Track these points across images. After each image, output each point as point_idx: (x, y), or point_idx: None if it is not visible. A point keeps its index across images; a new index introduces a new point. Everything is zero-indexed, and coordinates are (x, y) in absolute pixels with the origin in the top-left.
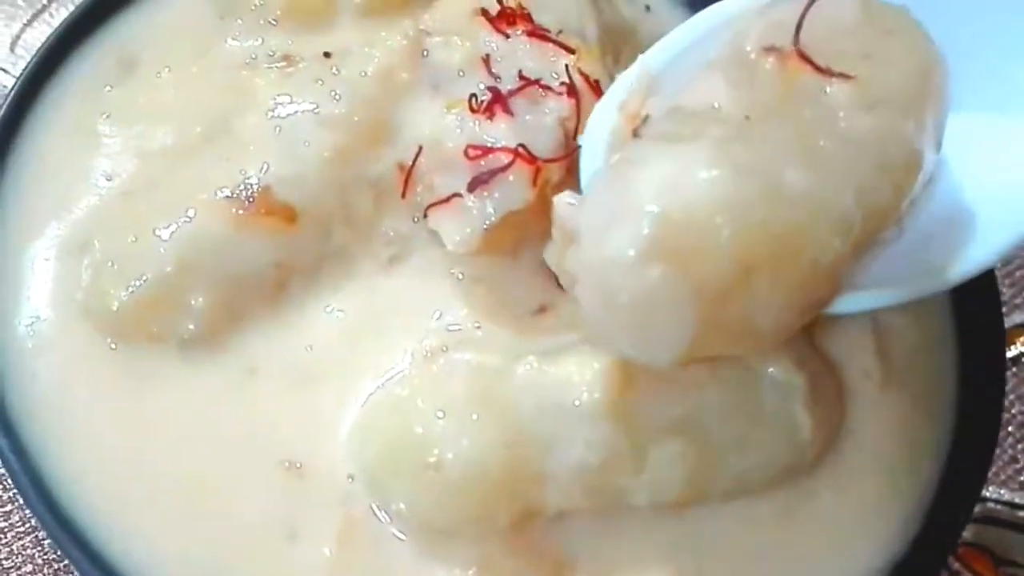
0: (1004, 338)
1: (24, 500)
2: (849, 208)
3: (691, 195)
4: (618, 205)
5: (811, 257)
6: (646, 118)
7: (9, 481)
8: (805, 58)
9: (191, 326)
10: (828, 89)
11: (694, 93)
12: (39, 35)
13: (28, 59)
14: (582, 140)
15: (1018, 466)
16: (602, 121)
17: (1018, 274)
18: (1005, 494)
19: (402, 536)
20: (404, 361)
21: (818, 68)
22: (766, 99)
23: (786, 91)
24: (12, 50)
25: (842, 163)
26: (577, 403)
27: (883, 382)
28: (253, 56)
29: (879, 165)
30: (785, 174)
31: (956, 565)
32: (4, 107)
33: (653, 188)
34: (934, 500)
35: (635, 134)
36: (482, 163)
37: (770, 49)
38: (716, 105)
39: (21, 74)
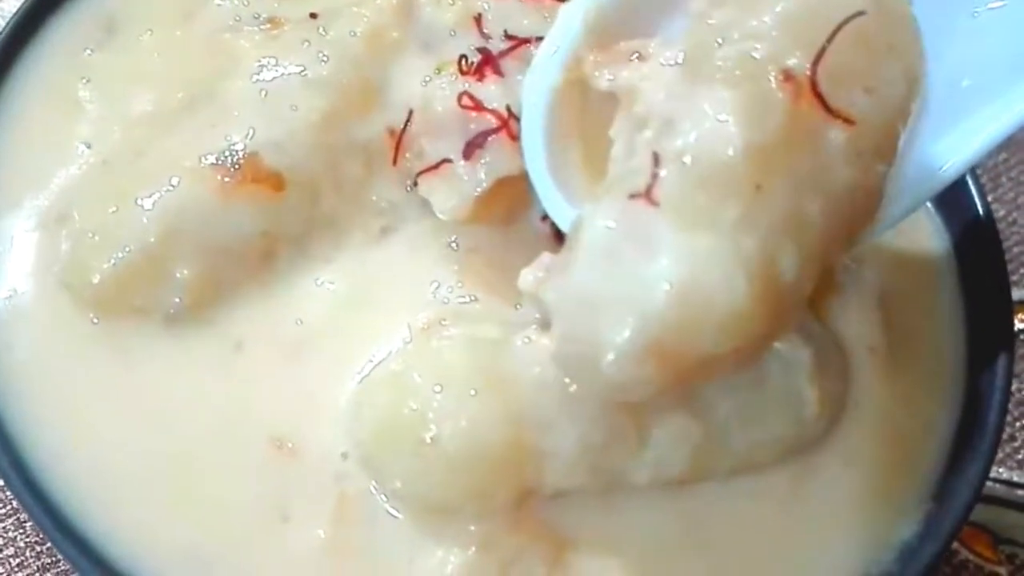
0: (1011, 313)
1: (5, 482)
2: (814, 278)
3: (707, 300)
4: (621, 292)
5: (783, 330)
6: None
7: None
8: (818, 96)
9: (176, 299)
10: (831, 134)
11: (710, 131)
12: (15, 3)
13: (3, 23)
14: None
15: (1016, 444)
16: (542, 81)
17: (1016, 250)
18: (1004, 472)
19: (399, 515)
20: (399, 335)
21: (828, 109)
22: (775, 144)
23: (791, 135)
24: None
25: (822, 229)
26: None
27: (888, 357)
28: (237, 18)
29: (848, 217)
30: (781, 261)
31: (955, 544)
32: None
33: (666, 287)
34: (942, 477)
35: (649, 196)
36: (472, 124)
37: (788, 78)
38: (728, 163)
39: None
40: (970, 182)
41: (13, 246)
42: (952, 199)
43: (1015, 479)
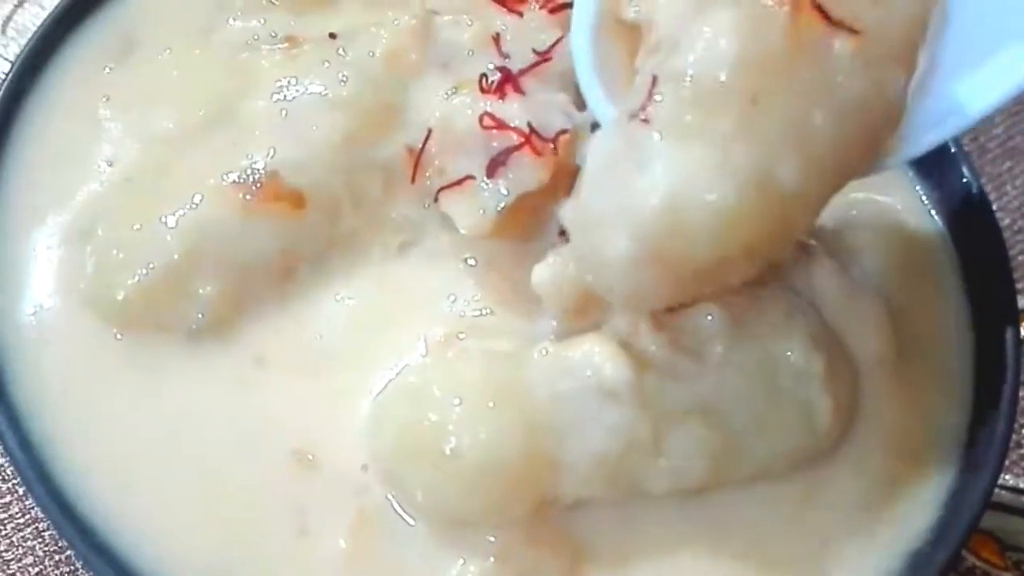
0: (1018, 321)
1: (32, 495)
2: (826, 188)
3: (694, 208)
4: (617, 205)
5: (789, 237)
6: (654, 80)
7: (9, 471)
8: (818, 8)
9: (199, 315)
10: (835, 45)
11: (705, 50)
12: (31, 16)
13: (20, 41)
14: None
15: (1022, 451)
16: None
17: (1020, 259)
18: (1010, 479)
19: (419, 527)
20: (417, 349)
21: (829, 20)
22: (773, 62)
23: (793, 51)
24: (3, 32)
25: (831, 139)
26: (594, 388)
27: (898, 366)
28: (255, 37)
29: (860, 128)
30: (779, 171)
31: (962, 551)
32: (2, 89)
33: (656, 197)
34: (952, 485)
35: (643, 115)
36: (494, 143)
37: None
38: (716, 75)
39: (19, 56)
40: (975, 190)
41: (37, 263)
42: (958, 207)
43: (1022, 486)
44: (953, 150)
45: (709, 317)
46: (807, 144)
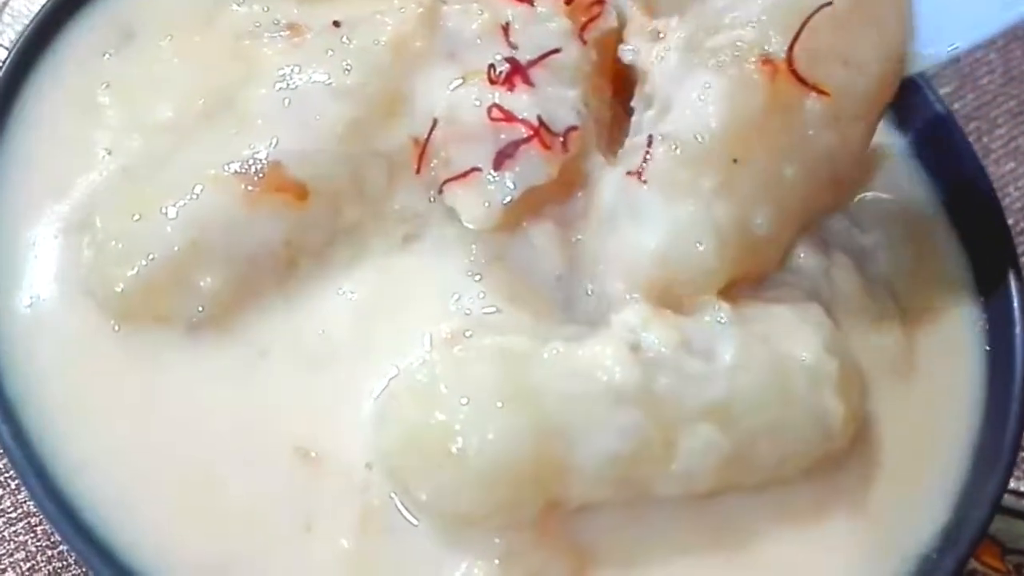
0: None
1: (26, 488)
2: (798, 226)
3: (683, 258)
4: (615, 252)
5: (760, 269)
6: (650, 140)
7: (1, 465)
8: (795, 73)
9: (199, 307)
10: (807, 103)
11: (691, 114)
12: (27, 2)
13: (16, 27)
14: None
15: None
16: None
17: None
18: (1012, 483)
19: (423, 527)
20: (422, 345)
21: (804, 84)
22: (752, 122)
23: (769, 112)
24: None
25: (801, 188)
26: (604, 390)
27: (908, 372)
28: (257, 24)
29: (828, 178)
30: (757, 217)
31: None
32: None
33: (650, 249)
34: (961, 490)
35: (641, 173)
36: (502, 135)
37: (767, 61)
38: (702, 139)
39: (17, 41)
40: (986, 191)
41: (35, 253)
42: (968, 209)
43: (1023, 489)
44: (963, 149)
45: (721, 319)
46: (779, 195)
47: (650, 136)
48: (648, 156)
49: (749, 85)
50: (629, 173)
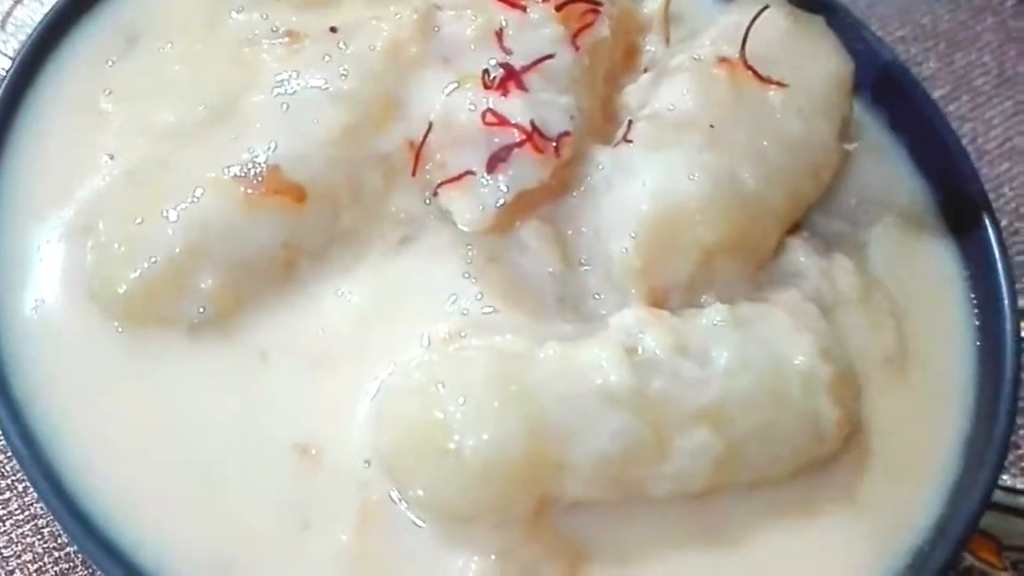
0: (1018, 322)
1: (33, 487)
2: (783, 200)
3: (679, 197)
4: (615, 214)
5: (755, 240)
6: (630, 124)
7: (8, 468)
8: (750, 68)
9: (200, 309)
10: (770, 94)
11: (667, 99)
12: (31, 12)
13: (19, 36)
14: None
15: (1020, 452)
16: None
17: (1019, 259)
18: (1007, 479)
19: (420, 523)
20: (420, 345)
21: (760, 77)
22: (721, 105)
23: (736, 98)
24: (3, 28)
25: (781, 161)
26: (599, 392)
27: (900, 368)
28: (256, 32)
29: (804, 162)
30: (741, 174)
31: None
32: (3, 84)
33: (645, 195)
34: (952, 485)
35: (625, 139)
36: (496, 139)
37: (723, 60)
38: (680, 111)
39: (21, 48)
40: (978, 191)
41: (39, 257)
42: (957, 211)
43: (1019, 486)
44: (957, 150)
45: (717, 321)
46: (762, 159)
47: (630, 120)
48: (631, 124)
49: (713, 78)
50: (615, 144)
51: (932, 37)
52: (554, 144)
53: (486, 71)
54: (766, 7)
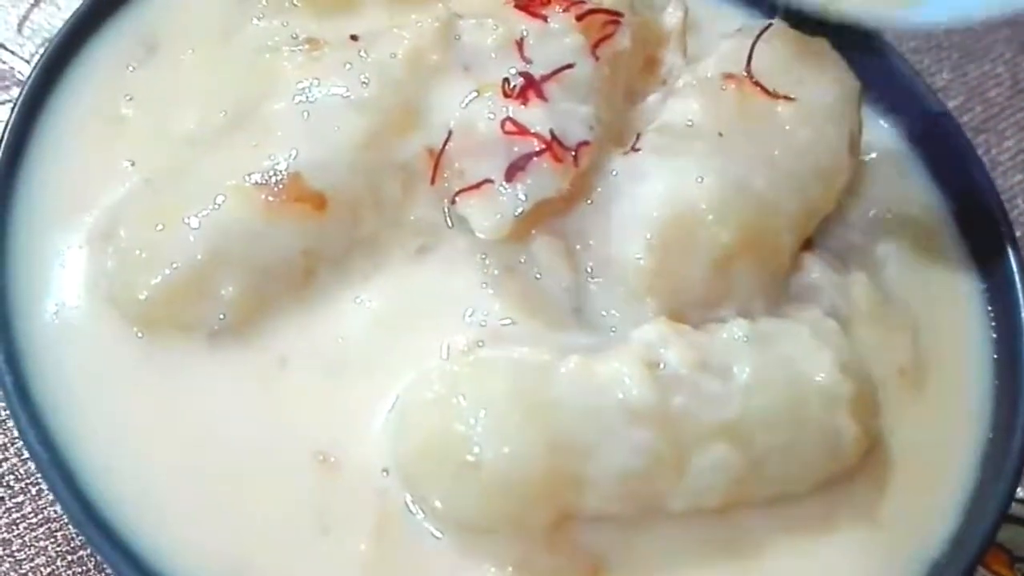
0: None
1: (51, 491)
2: (795, 207)
3: (688, 197)
4: (626, 218)
5: (770, 246)
6: (638, 136)
7: (21, 471)
8: (757, 84)
9: (220, 316)
10: (778, 108)
11: (675, 112)
12: (47, 16)
13: (36, 40)
14: None
15: None
16: None
17: None
18: (1020, 492)
19: (438, 533)
20: (439, 355)
21: (767, 91)
22: (730, 117)
23: (744, 110)
24: (20, 31)
25: (791, 169)
26: (620, 407)
27: (918, 380)
28: (276, 39)
29: (814, 169)
30: (751, 178)
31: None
32: (24, 90)
33: (655, 197)
34: (969, 497)
35: (634, 148)
36: (515, 147)
37: (729, 76)
38: (689, 122)
39: (43, 54)
40: (995, 203)
41: (59, 263)
42: (973, 223)
43: None
44: (973, 162)
45: (738, 337)
46: (771, 167)
47: (638, 134)
48: (639, 136)
49: (720, 92)
50: (625, 153)
51: (945, 48)
52: (573, 154)
53: (506, 80)
54: (769, 25)
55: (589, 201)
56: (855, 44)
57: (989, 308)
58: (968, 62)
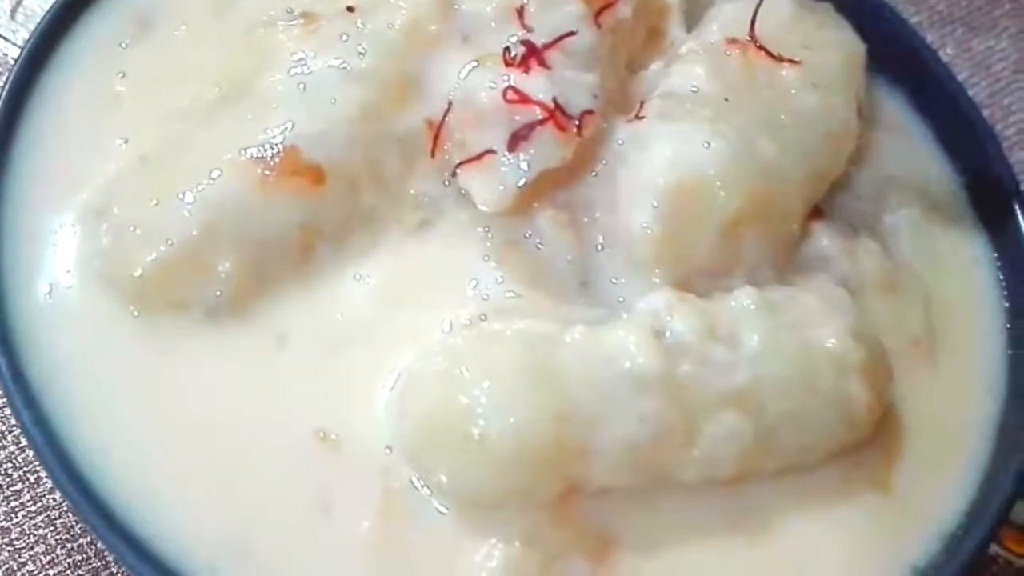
0: None
1: (47, 472)
2: (804, 172)
3: (698, 163)
4: (633, 184)
5: (778, 212)
6: (641, 104)
7: (20, 459)
8: (762, 48)
9: (217, 293)
10: (783, 72)
11: (680, 78)
12: (40, 2)
13: (29, 26)
14: None
15: None
16: None
17: None
18: None
19: (443, 509)
20: (441, 328)
21: (772, 56)
22: (735, 82)
23: (749, 75)
24: (13, 17)
25: (798, 134)
26: (627, 376)
27: (931, 350)
28: (271, 13)
29: (823, 133)
30: (759, 143)
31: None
32: (16, 66)
33: (661, 162)
34: (985, 469)
35: (638, 116)
36: (517, 116)
37: (732, 41)
38: (694, 88)
39: (35, 30)
40: (1007, 176)
41: (53, 241)
42: (984, 191)
43: None
44: (983, 130)
45: (747, 305)
46: (778, 129)
47: (642, 102)
48: (643, 103)
49: (725, 59)
50: (629, 121)
51: (949, 23)
52: (576, 122)
53: (507, 48)
54: None
55: (594, 173)
56: (860, 10)
57: (1001, 277)
58: (973, 37)
